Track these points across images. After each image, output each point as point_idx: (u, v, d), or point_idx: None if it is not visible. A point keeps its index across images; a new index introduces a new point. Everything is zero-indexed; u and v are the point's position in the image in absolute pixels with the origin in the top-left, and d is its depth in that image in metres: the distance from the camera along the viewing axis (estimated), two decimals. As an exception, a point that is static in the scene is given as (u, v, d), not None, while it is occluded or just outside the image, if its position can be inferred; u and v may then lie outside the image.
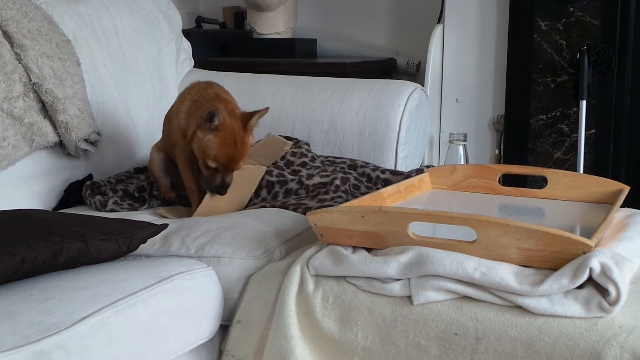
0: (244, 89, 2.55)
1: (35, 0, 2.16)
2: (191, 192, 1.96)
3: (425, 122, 2.49)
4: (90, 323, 1.28)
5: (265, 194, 2.02)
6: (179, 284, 1.51)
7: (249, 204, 2.02)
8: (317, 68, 3.24)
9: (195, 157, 1.87)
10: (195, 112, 1.87)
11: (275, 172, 2.07)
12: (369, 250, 1.52)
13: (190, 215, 1.92)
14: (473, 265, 1.37)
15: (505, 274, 1.35)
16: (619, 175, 2.83)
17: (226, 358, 1.60)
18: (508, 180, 1.99)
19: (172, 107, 2.03)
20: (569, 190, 1.82)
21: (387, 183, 2.07)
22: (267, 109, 1.89)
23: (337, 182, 2.01)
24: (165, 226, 1.65)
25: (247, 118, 1.84)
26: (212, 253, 1.65)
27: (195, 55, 2.85)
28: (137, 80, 2.45)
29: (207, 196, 1.88)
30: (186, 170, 1.96)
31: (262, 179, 2.04)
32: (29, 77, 1.98)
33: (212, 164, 1.83)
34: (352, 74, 3.08)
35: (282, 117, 2.47)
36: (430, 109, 2.90)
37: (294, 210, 1.92)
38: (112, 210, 1.97)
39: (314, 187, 2.02)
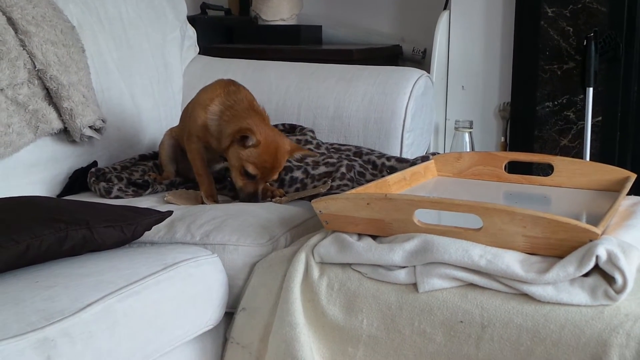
0: (249, 75, 2.54)
1: (39, -14, 2.16)
2: (199, 176, 1.95)
3: (431, 109, 2.49)
4: (94, 310, 1.28)
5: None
6: (183, 271, 1.50)
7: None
8: (322, 55, 3.23)
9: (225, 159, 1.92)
10: (230, 120, 1.89)
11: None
12: (374, 237, 1.51)
13: (197, 199, 1.92)
14: (479, 253, 1.37)
15: (511, 261, 1.35)
16: (626, 162, 2.82)
17: (231, 345, 1.60)
18: (514, 168, 1.98)
19: (195, 101, 2.00)
20: (575, 178, 1.81)
21: (392, 170, 2.06)
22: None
23: (343, 169, 2.01)
24: (170, 213, 1.65)
25: (295, 149, 1.91)
26: (217, 240, 1.65)
27: (200, 42, 2.84)
28: (142, 67, 2.44)
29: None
30: (196, 157, 1.95)
31: None
32: (34, 63, 1.98)
33: (252, 171, 1.85)
34: (357, 60, 3.08)
35: (287, 104, 2.46)
36: (436, 96, 2.89)
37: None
38: (117, 197, 1.97)
39: (320, 176, 2.02)
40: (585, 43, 2.72)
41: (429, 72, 2.82)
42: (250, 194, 1.88)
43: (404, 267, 1.43)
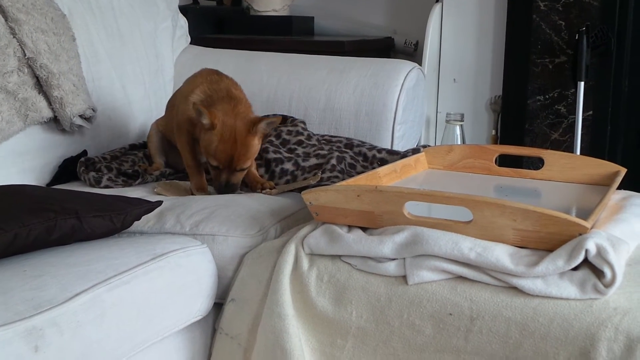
0: (241, 66, 2.53)
1: (30, -26, 2.14)
2: (189, 168, 1.95)
3: (422, 101, 2.48)
4: (83, 300, 1.28)
5: (263, 172, 2.01)
6: (173, 262, 1.50)
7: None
8: (314, 46, 3.22)
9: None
10: (207, 107, 1.86)
11: (272, 149, 2.07)
12: (364, 229, 1.51)
13: (187, 191, 1.91)
14: (468, 246, 1.37)
15: (501, 254, 1.35)
16: (616, 157, 2.83)
17: (220, 336, 1.60)
18: (504, 161, 1.98)
19: (179, 92, 2.01)
20: (565, 172, 1.81)
21: (383, 162, 2.06)
22: (279, 117, 1.90)
23: (333, 161, 2.00)
24: (159, 203, 1.64)
25: (256, 121, 1.83)
26: (207, 231, 1.65)
27: (191, 32, 2.83)
28: (133, 57, 2.43)
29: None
30: (186, 148, 1.95)
31: (261, 157, 2.04)
32: (24, 51, 1.97)
33: (213, 162, 1.83)
34: (349, 52, 3.07)
35: (279, 95, 2.46)
36: (428, 89, 2.89)
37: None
38: (106, 187, 1.96)
39: (310, 168, 2.02)
40: (577, 37, 2.72)
41: (420, 65, 2.82)
42: (219, 186, 1.85)
43: (393, 259, 1.43)
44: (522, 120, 2.94)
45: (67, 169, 2.07)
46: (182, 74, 2.57)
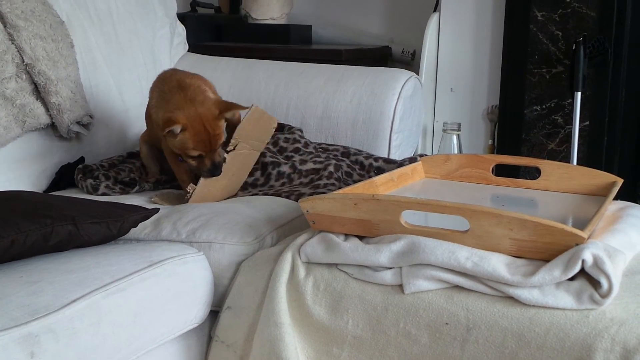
0: (238, 74, 2.53)
1: (29, -20, 2.14)
2: (183, 182, 1.95)
3: (420, 110, 2.49)
4: (79, 306, 1.28)
5: (259, 176, 2.01)
6: (169, 269, 1.50)
7: (242, 188, 2.01)
8: (311, 54, 3.23)
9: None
10: (159, 106, 1.87)
11: (269, 154, 2.07)
12: (360, 238, 1.51)
13: (183, 201, 1.91)
14: (465, 255, 1.37)
15: (497, 264, 1.35)
16: (613, 167, 2.83)
17: (216, 344, 1.59)
18: (501, 171, 1.98)
19: (148, 103, 2.02)
20: (562, 182, 1.82)
21: (380, 171, 2.06)
22: (247, 108, 1.90)
23: (331, 168, 2.00)
24: (156, 210, 1.64)
25: (224, 107, 1.84)
26: (203, 238, 1.65)
27: (189, 39, 2.84)
28: (131, 64, 2.43)
29: (200, 183, 1.87)
30: (175, 161, 1.95)
31: (257, 161, 2.04)
32: (22, 58, 1.97)
33: (194, 154, 1.84)
34: (346, 61, 3.08)
35: (276, 103, 2.46)
36: (425, 98, 2.89)
37: (287, 197, 1.91)
38: (103, 194, 1.96)
39: (307, 172, 2.02)
40: (574, 47, 2.72)
41: (418, 74, 2.82)
42: (209, 170, 1.86)
43: (390, 268, 1.43)
44: (519, 130, 2.94)
45: (65, 176, 2.07)
46: (180, 81, 2.57)
